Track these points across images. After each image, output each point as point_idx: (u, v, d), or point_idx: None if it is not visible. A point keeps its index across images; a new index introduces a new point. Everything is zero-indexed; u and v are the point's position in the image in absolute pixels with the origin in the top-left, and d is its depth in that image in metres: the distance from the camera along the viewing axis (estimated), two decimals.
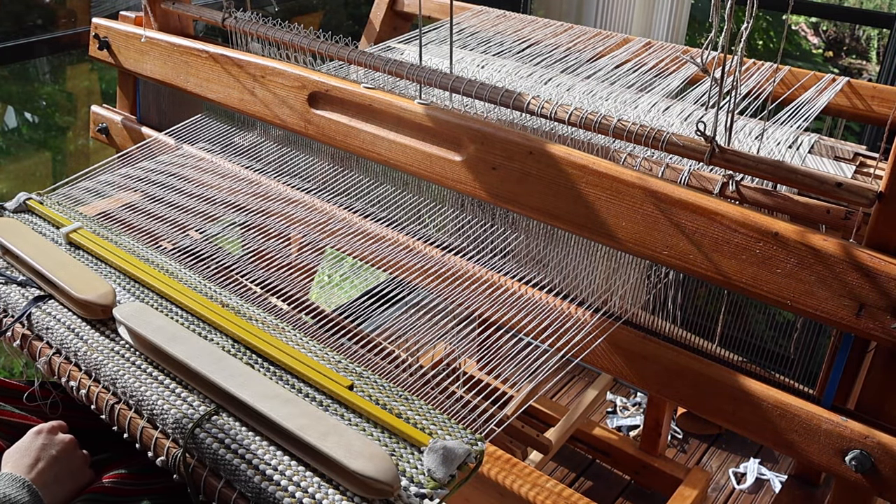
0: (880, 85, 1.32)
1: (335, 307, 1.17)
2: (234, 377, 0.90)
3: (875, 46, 5.27)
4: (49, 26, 2.39)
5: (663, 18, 2.67)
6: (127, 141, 1.62)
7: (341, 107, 1.26)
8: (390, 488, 0.78)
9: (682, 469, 1.94)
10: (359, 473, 0.78)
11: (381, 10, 1.83)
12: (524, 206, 1.10)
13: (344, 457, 0.79)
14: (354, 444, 0.81)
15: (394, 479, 0.78)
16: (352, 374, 0.95)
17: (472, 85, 1.15)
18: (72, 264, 1.11)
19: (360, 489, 0.79)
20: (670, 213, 0.97)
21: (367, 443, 0.82)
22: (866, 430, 0.90)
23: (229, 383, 0.88)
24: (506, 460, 1.38)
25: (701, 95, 1.31)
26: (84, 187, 1.38)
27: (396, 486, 0.79)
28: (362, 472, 0.78)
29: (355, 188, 1.35)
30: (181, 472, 0.85)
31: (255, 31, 1.41)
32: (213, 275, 1.15)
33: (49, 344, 1.03)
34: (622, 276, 1.13)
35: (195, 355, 0.93)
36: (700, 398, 1.03)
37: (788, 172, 0.94)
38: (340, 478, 0.80)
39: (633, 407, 2.39)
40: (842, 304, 0.88)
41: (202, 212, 1.29)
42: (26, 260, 1.10)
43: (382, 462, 0.79)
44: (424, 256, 1.20)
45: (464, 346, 1.07)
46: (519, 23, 1.64)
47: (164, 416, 0.89)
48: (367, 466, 0.78)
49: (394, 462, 0.82)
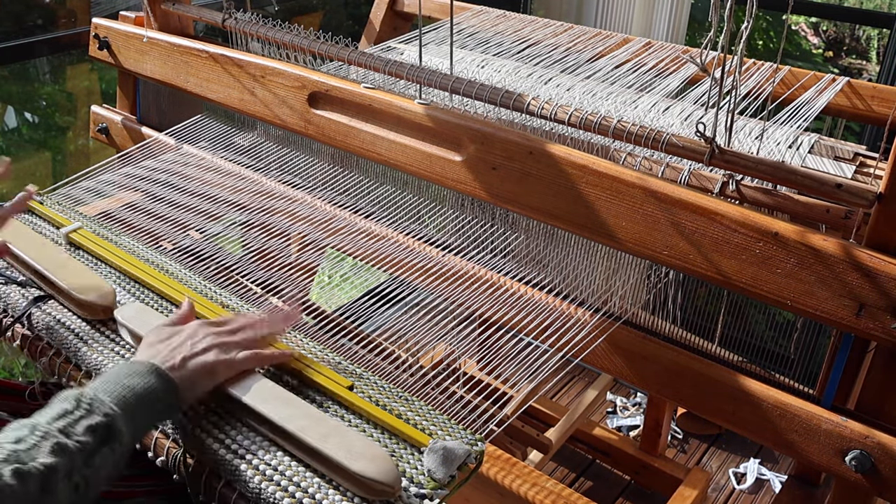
0: (880, 85, 1.32)
1: (335, 308, 1.17)
2: (235, 379, 0.90)
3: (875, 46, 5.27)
4: (49, 26, 2.39)
5: (663, 18, 2.68)
6: (127, 141, 1.62)
7: (341, 107, 1.26)
8: (392, 489, 0.78)
9: (682, 469, 1.94)
10: (360, 475, 0.78)
11: (381, 10, 1.83)
12: (524, 206, 1.10)
13: (345, 458, 0.79)
14: (356, 445, 0.81)
15: (395, 480, 0.78)
16: (351, 375, 0.95)
17: (472, 86, 1.15)
18: (72, 264, 1.11)
19: (362, 490, 0.79)
20: (670, 213, 0.97)
21: (368, 444, 0.82)
22: (866, 430, 0.90)
23: (230, 386, 0.88)
24: (506, 460, 1.38)
25: (701, 95, 1.31)
26: (84, 187, 1.38)
27: (398, 488, 0.79)
28: (363, 473, 0.78)
29: (355, 188, 1.35)
30: (181, 472, 0.86)
31: (255, 31, 1.41)
32: (214, 275, 1.15)
33: (49, 344, 1.03)
34: (622, 276, 1.13)
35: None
36: (700, 398, 1.03)
37: (788, 173, 0.94)
38: (341, 479, 0.80)
39: (633, 407, 2.39)
40: (842, 304, 0.88)
41: (202, 211, 1.29)
42: (27, 260, 1.10)
43: (384, 463, 0.79)
44: (424, 256, 1.20)
45: (464, 346, 1.07)
46: (519, 23, 1.64)
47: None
48: (368, 468, 0.78)
49: (395, 463, 0.82)
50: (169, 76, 1.48)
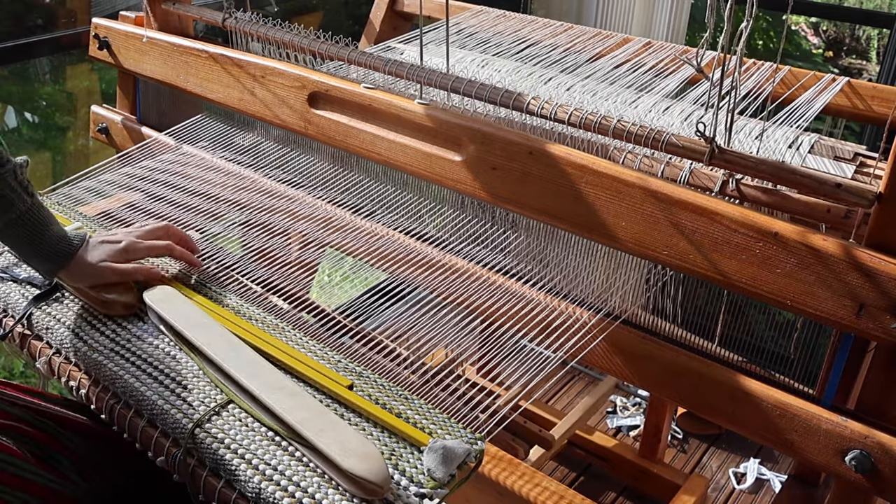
0: (880, 85, 1.32)
1: (336, 306, 1.17)
2: (246, 367, 0.91)
3: (875, 46, 5.27)
4: (49, 26, 2.39)
5: (663, 18, 2.67)
6: (127, 141, 1.62)
7: (341, 107, 1.26)
8: (380, 489, 0.78)
9: (680, 475, 1.95)
10: (349, 472, 0.78)
11: (381, 10, 1.83)
12: (524, 206, 1.10)
13: (338, 454, 0.79)
14: (350, 442, 0.81)
15: (384, 480, 0.78)
16: (351, 374, 0.95)
17: (472, 85, 1.15)
18: None
19: (353, 487, 0.79)
20: (670, 213, 0.97)
21: (362, 442, 0.82)
22: (866, 430, 0.90)
23: (241, 372, 0.90)
24: (506, 460, 1.38)
25: (701, 95, 1.31)
26: (84, 187, 1.38)
27: (387, 488, 0.78)
28: (352, 470, 0.78)
29: (355, 188, 1.35)
30: (181, 473, 0.86)
31: (256, 31, 1.41)
32: (214, 274, 1.15)
33: (49, 344, 1.03)
34: (622, 276, 1.13)
35: (211, 342, 0.95)
36: (700, 398, 1.03)
37: (788, 173, 0.94)
38: (336, 475, 0.81)
39: (633, 407, 2.39)
40: (842, 304, 0.88)
41: (202, 211, 1.29)
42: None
43: (374, 462, 0.79)
44: (424, 255, 1.20)
45: (464, 346, 1.07)
46: (519, 23, 1.64)
47: (164, 416, 0.89)
48: (358, 466, 0.78)
49: (392, 463, 0.82)
50: (169, 76, 1.48)
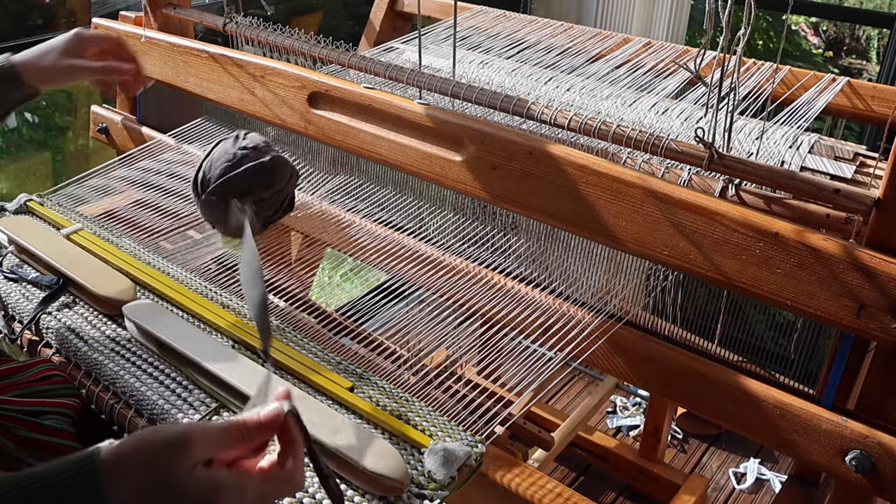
0: (880, 85, 1.32)
1: (336, 307, 1.17)
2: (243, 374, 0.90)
3: (875, 46, 5.27)
4: (49, 26, 2.39)
5: (663, 19, 2.67)
6: (127, 141, 1.62)
7: (341, 107, 1.26)
8: (401, 486, 0.78)
9: (680, 475, 1.95)
10: (371, 471, 0.78)
11: (381, 11, 1.83)
12: (524, 206, 1.10)
13: (357, 454, 0.79)
14: (365, 441, 0.81)
15: (404, 476, 0.79)
16: (352, 376, 0.96)
17: (472, 90, 1.16)
18: (88, 261, 1.11)
19: (371, 487, 0.79)
20: (670, 213, 0.97)
21: (377, 440, 0.83)
22: (866, 430, 0.90)
23: (239, 381, 0.89)
24: (506, 461, 1.38)
25: (700, 97, 1.31)
26: (85, 187, 1.38)
27: (406, 485, 0.79)
28: (375, 469, 0.78)
29: (355, 188, 1.35)
30: None
31: (256, 35, 1.41)
32: (214, 275, 1.15)
33: (49, 344, 1.03)
34: (622, 277, 1.13)
35: (204, 352, 0.94)
36: (700, 398, 1.03)
37: (787, 178, 0.94)
38: (351, 475, 0.80)
39: (633, 407, 2.39)
40: (842, 304, 0.88)
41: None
42: (42, 257, 1.10)
43: (393, 460, 0.80)
44: (424, 256, 1.20)
45: (464, 347, 1.07)
46: (519, 23, 1.64)
47: (164, 416, 0.89)
48: (379, 464, 0.78)
49: (405, 459, 0.82)
50: (169, 76, 1.48)
